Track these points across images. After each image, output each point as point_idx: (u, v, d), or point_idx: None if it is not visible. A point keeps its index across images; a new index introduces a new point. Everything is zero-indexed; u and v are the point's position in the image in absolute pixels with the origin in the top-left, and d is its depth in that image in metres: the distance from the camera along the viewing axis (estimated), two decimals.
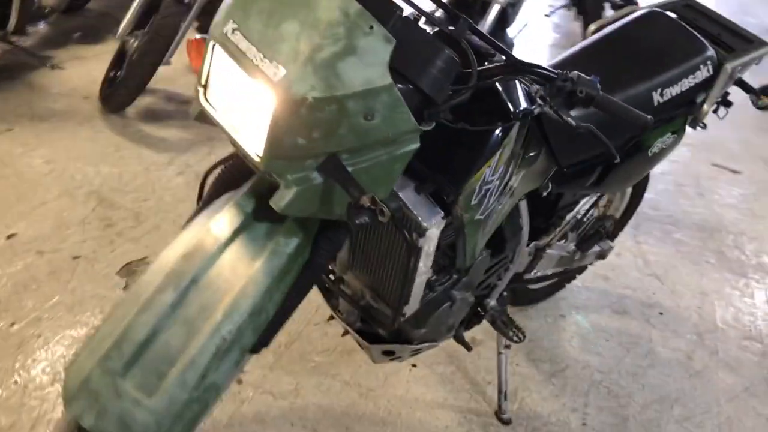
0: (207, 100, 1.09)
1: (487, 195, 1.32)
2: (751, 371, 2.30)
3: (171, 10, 3.23)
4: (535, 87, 1.15)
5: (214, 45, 1.03)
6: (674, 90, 1.72)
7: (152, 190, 2.81)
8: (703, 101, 1.83)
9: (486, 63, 1.20)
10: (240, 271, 1.04)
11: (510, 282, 1.78)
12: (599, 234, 2.02)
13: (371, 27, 0.95)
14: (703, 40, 1.81)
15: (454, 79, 1.08)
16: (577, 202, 1.88)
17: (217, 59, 1.04)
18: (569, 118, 1.15)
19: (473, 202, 1.30)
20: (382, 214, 1.01)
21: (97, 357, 0.97)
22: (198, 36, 1.12)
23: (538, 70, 1.16)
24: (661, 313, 2.52)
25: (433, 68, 1.04)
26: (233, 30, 0.99)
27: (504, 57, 1.19)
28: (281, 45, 0.95)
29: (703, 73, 1.77)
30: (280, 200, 1.03)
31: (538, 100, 1.14)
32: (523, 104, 1.23)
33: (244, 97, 1.01)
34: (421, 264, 1.30)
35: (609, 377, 2.18)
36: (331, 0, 0.96)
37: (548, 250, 1.88)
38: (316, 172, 1.03)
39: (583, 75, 1.14)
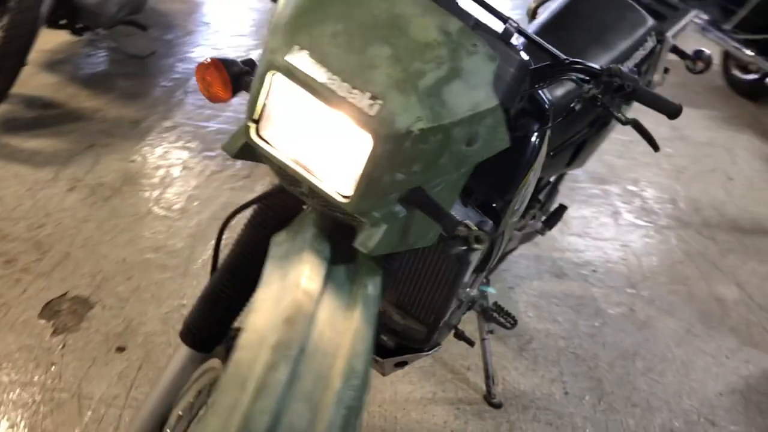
0: (259, 136, 0.93)
1: (525, 197, 1.27)
2: (684, 313, 2.47)
3: (25, 3, 2.82)
4: (586, 86, 1.11)
5: (273, 74, 0.87)
6: (630, 63, 1.76)
7: (45, 214, 2.46)
8: (647, 71, 1.89)
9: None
10: (339, 326, 0.91)
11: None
12: (563, 209, 2.04)
13: (474, 45, 0.85)
14: (643, 11, 1.86)
15: None
16: (549, 182, 1.89)
17: (280, 91, 0.88)
18: (619, 114, 1.12)
19: (516, 207, 1.25)
20: (478, 241, 0.93)
21: None
22: (211, 57, 0.94)
23: (585, 67, 1.11)
24: (594, 271, 2.64)
25: (508, 77, 0.95)
26: (302, 57, 0.83)
27: (553, 56, 1.13)
28: (372, 73, 0.81)
29: (649, 44, 1.82)
30: (368, 240, 0.90)
31: (592, 97, 1.10)
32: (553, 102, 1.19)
33: (322, 133, 0.87)
34: (466, 276, 1.24)
35: (572, 342, 2.25)
36: (426, 18, 0.83)
37: (520, 232, 1.88)
38: (398, 205, 0.92)
39: (623, 68, 1.11)
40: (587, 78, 1.11)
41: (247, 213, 1.13)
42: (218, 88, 1.05)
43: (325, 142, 0.87)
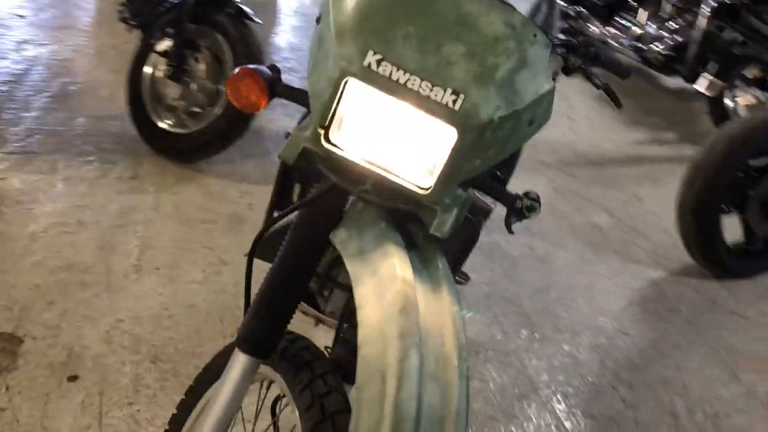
0: (329, 141, 0.96)
1: None
2: (574, 244, 2.80)
3: None
4: (573, 58, 1.25)
5: (347, 81, 0.89)
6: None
7: None
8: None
9: None
10: (436, 308, 0.98)
11: None
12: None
13: (534, 35, 0.95)
14: None
15: None
16: None
17: (354, 96, 0.91)
18: (597, 79, 1.29)
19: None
20: (531, 210, 1.05)
21: None
22: (242, 68, 0.89)
23: (565, 40, 1.25)
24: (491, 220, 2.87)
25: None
26: (378, 61, 0.87)
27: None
28: (451, 70, 0.87)
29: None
30: (443, 226, 0.97)
31: (578, 66, 1.25)
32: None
33: (402, 131, 0.91)
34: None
35: (495, 287, 2.47)
36: (491, 14, 0.91)
37: None
38: (459, 188, 1.00)
39: (591, 38, 1.27)
40: (566, 51, 1.25)
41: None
42: (256, 96, 1.04)
43: (404, 139, 0.92)
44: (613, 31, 4.07)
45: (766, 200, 2.61)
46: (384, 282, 0.97)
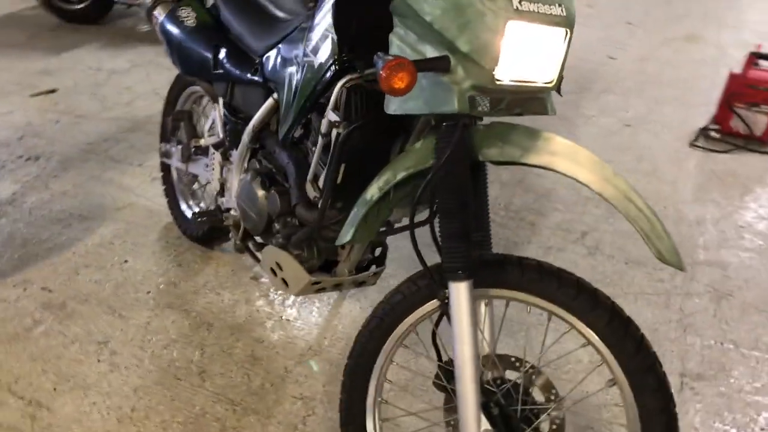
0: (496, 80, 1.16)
1: None
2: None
3: None
4: None
5: (508, 23, 1.12)
6: None
7: None
8: None
9: None
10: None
11: None
12: None
13: None
14: None
15: None
16: None
17: (512, 32, 1.13)
18: None
19: None
20: None
21: None
22: (397, 56, 1.04)
23: None
24: None
25: None
26: (520, 2, 1.13)
27: None
28: None
29: None
30: (552, 105, 1.31)
31: None
32: None
33: (541, 45, 1.17)
34: None
35: None
36: None
37: None
38: None
39: None
40: None
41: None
42: (410, 81, 1.14)
43: (543, 50, 1.18)
44: None
45: None
46: (571, 152, 1.21)
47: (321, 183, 1.49)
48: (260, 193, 1.73)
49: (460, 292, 1.26)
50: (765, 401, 1.86)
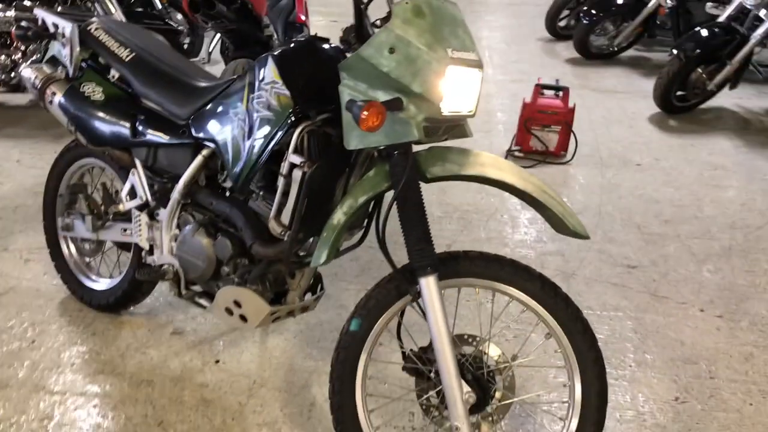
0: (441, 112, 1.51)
1: None
2: None
3: None
4: None
5: (447, 67, 1.46)
6: None
7: None
8: None
9: None
10: None
11: None
12: None
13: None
14: None
15: None
16: None
17: (452, 74, 1.47)
18: None
19: None
20: None
21: None
22: (370, 101, 1.30)
23: None
24: None
25: None
26: (452, 50, 1.49)
27: None
28: (470, 43, 1.56)
29: None
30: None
31: None
32: None
33: (466, 83, 1.51)
34: None
35: None
36: (456, 10, 1.58)
37: None
38: None
39: None
40: None
41: None
42: (383, 119, 1.48)
43: (466, 88, 1.52)
44: None
45: None
46: (495, 162, 1.63)
47: (283, 218, 1.72)
48: (205, 241, 1.89)
49: (430, 285, 1.56)
50: (616, 346, 2.38)
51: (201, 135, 1.88)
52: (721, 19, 4.87)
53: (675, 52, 4.65)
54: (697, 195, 3.69)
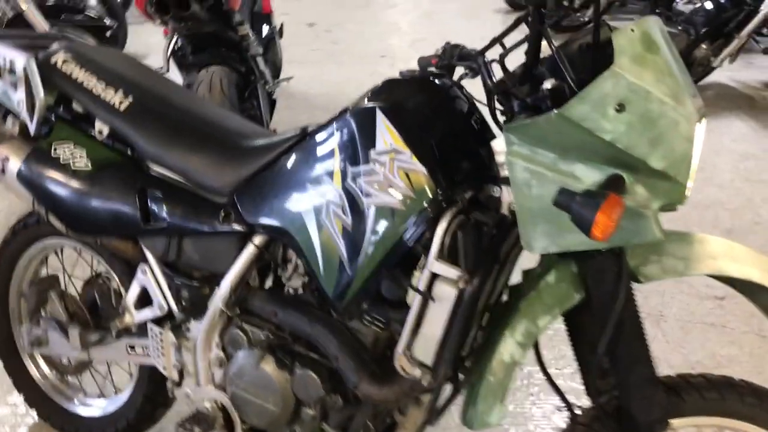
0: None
1: None
2: None
3: None
4: None
5: (695, 127, 0.96)
6: None
7: None
8: None
9: None
10: None
11: None
12: None
13: None
14: None
15: None
16: None
17: (698, 136, 0.97)
18: None
19: None
20: None
21: None
22: (612, 193, 0.72)
23: None
24: None
25: None
26: (694, 98, 0.98)
27: None
28: (690, 80, 1.02)
29: None
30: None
31: None
32: None
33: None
34: None
35: None
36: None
37: None
38: None
39: None
40: None
41: None
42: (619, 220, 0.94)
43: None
44: None
45: None
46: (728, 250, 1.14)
47: (419, 353, 1.14)
48: (277, 375, 1.30)
49: None
50: None
51: (256, 220, 1.27)
52: None
53: (680, 28, 4.26)
54: (745, 194, 3.30)
